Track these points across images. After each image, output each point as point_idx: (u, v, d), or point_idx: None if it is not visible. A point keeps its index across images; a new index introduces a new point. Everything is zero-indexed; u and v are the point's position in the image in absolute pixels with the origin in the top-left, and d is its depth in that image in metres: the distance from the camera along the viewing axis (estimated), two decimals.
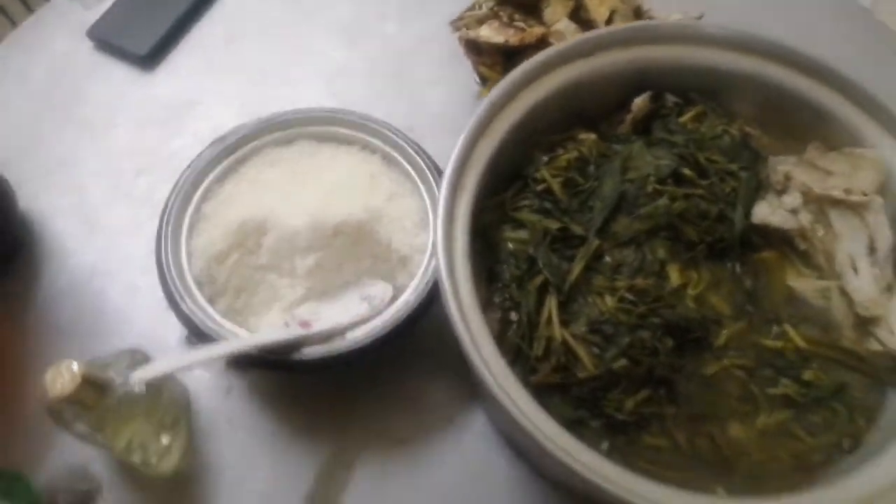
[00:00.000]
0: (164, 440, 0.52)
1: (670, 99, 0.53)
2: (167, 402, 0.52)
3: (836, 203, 0.50)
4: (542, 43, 0.61)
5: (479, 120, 0.47)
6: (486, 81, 0.64)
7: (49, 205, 0.64)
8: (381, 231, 0.52)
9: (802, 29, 0.56)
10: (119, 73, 0.71)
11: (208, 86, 0.70)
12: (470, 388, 0.56)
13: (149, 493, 0.53)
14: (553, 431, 0.40)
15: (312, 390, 0.56)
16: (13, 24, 0.97)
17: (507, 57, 0.62)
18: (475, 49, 0.63)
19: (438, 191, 0.46)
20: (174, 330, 0.55)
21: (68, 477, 0.53)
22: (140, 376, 0.45)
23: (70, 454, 0.53)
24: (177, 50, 0.72)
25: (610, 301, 0.46)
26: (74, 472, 0.53)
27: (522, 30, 0.61)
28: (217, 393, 0.56)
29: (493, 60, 0.63)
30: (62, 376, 0.42)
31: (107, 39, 0.71)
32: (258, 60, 0.72)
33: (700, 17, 0.60)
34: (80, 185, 0.66)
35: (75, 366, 0.42)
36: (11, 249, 0.61)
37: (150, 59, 0.71)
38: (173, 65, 0.72)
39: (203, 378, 0.56)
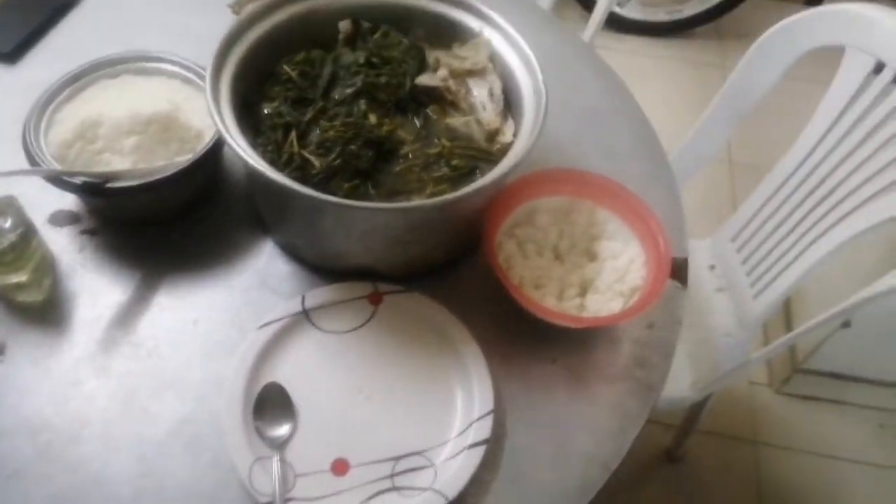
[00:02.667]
0: (35, 278, 0.73)
1: (364, 24, 0.83)
2: (35, 251, 0.73)
3: (470, 73, 0.81)
4: None
5: (227, 35, 0.74)
6: None
7: None
8: (181, 118, 0.77)
9: None
10: None
11: (58, 69, 0.92)
12: (262, 228, 0.81)
13: (26, 314, 0.73)
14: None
15: (143, 244, 0.79)
16: None
17: None
18: None
19: None
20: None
21: None
22: None
23: None
24: (37, 48, 0.96)
25: (331, 132, 0.74)
26: None
27: None
28: (73, 250, 0.77)
29: None
30: None
31: None
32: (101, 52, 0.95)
33: None
34: None
35: None
36: None
37: (14, 55, 0.95)
38: (33, 57, 0.95)
39: (64, 243, 0.78)
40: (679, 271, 0.82)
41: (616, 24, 2.29)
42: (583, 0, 2.25)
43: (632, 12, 2.29)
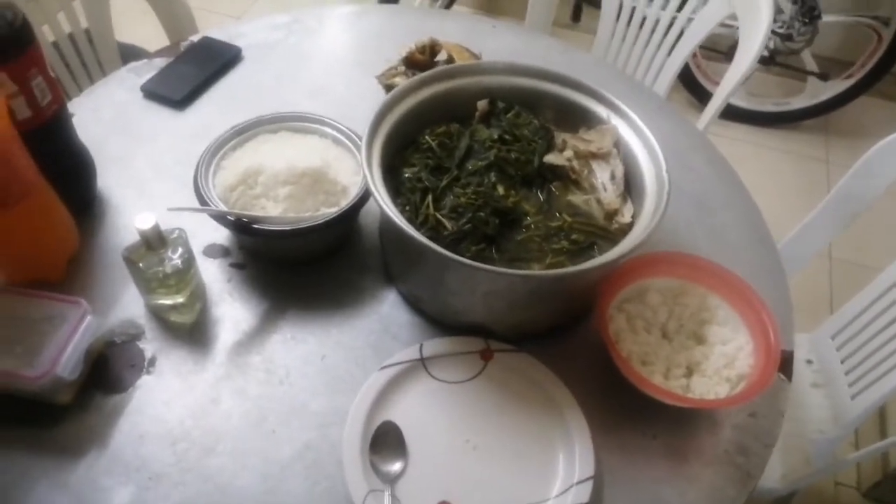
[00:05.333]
0: (190, 301, 0.82)
1: (499, 104, 0.91)
2: (193, 277, 0.82)
3: (594, 155, 0.87)
4: None
5: (381, 107, 0.83)
6: None
7: (114, 182, 0.96)
8: (330, 173, 0.86)
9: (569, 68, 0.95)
10: (162, 112, 1.07)
11: (218, 118, 1.04)
12: (388, 279, 0.88)
13: (176, 334, 0.82)
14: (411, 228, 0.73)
15: (283, 280, 0.87)
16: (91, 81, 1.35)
17: None
18: (389, 90, 1.01)
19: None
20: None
21: (122, 324, 0.82)
22: (172, 208, 0.76)
23: (123, 311, 0.83)
24: (202, 98, 1.09)
25: (463, 198, 0.81)
26: (125, 321, 0.82)
27: None
28: (222, 280, 0.87)
29: None
30: (145, 218, 0.73)
31: (153, 91, 1.08)
32: (258, 106, 1.06)
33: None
34: (136, 171, 0.98)
35: (153, 216, 0.74)
36: (90, 201, 0.93)
37: (183, 103, 1.08)
38: (198, 106, 1.08)
39: (215, 272, 0.87)
40: (784, 364, 0.84)
41: (722, 110, 2.31)
42: (690, 86, 2.30)
43: (738, 101, 2.32)
